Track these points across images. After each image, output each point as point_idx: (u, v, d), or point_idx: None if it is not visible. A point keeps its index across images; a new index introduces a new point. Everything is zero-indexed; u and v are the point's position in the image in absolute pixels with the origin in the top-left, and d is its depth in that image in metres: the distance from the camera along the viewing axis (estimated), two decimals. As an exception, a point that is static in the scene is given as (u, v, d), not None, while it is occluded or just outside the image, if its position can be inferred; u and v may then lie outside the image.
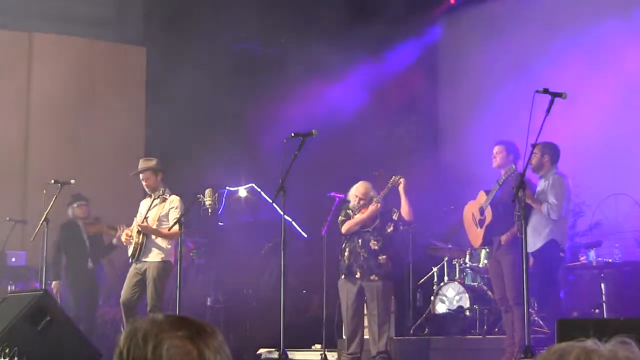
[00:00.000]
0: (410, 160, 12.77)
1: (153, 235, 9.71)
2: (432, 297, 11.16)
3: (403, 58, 14.06)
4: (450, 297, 10.94)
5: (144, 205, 10.03)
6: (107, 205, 12.32)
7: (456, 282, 10.98)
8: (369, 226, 9.38)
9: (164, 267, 9.68)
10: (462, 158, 13.11)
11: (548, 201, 8.50)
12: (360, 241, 9.35)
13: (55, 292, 10.94)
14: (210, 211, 9.95)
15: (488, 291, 10.67)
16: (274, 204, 10.24)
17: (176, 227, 9.26)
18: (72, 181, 10.24)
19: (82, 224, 11.37)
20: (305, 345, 11.10)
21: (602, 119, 11.36)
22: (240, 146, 13.81)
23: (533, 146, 7.68)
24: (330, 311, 10.62)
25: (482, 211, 8.94)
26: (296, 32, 14.02)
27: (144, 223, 9.70)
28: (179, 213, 9.60)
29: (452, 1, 14.41)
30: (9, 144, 13.77)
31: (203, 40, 14.14)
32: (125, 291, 9.74)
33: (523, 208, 7.29)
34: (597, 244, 10.37)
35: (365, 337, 9.50)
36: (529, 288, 7.16)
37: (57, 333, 8.17)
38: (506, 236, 8.64)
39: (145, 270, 9.67)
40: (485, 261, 10.68)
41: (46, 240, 9.93)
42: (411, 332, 11.19)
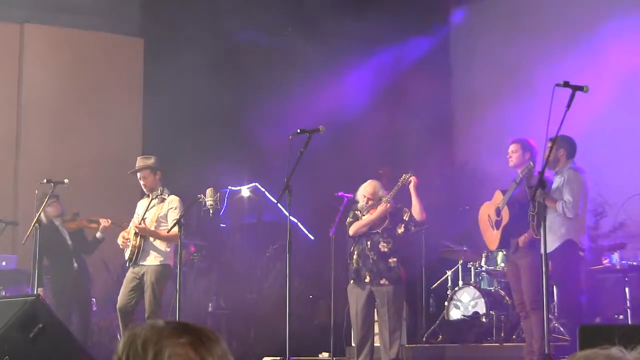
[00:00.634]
0: (422, 157, 12.74)
1: (151, 237, 9.72)
2: (446, 303, 11.16)
3: (415, 51, 14.05)
4: (465, 303, 10.95)
5: (142, 205, 10.03)
6: (103, 205, 12.32)
7: (471, 287, 10.98)
8: (378, 227, 9.37)
9: (163, 271, 9.69)
10: (477, 156, 13.11)
11: (563, 199, 8.46)
12: (369, 243, 9.33)
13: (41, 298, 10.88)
14: (211, 212, 9.95)
15: (505, 296, 10.68)
16: (279, 204, 10.25)
17: (175, 229, 9.25)
18: (66, 180, 10.20)
19: (61, 222, 11.21)
20: (312, 353, 11.12)
21: (626, 113, 11.35)
22: (242, 143, 13.80)
23: (549, 141, 7.67)
24: (338, 317, 10.62)
25: (499, 212, 8.90)
26: (302, 22, 14.00)
27: (142, 224, 9.70)
28: (179, 214, 9.59)
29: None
30: (-1, 141, 13.81)
31: (203, 30, 14.13)
32: (121, 297, 9.75)
33: (543, 208, 7.26)
34: (621, 246, 10.35)
35: (375, 345, 9.49)
36: (548, 292, 7.14)
37: (50, 341, 8.16)
38: (524, 237, 8.60)
39: (143, 274, 9.68)
40: (502, 264, 10.68)
41: (38, 242, 9.90)
42: (424, 340, 11.19)
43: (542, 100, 6.93)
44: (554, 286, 9.56)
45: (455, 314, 11.01)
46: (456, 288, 11.21)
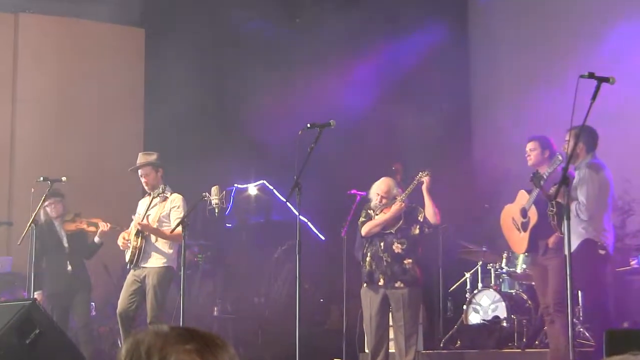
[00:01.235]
0: (439, 153, 12.74)
1: (154, 235, 9.70)
2: (465, 306, 11.16)
3: (431, 38, 13.99)
4: (485, 306, 10.94)
5: (143, 204, 10.04)
6: (102, 204, 12.35)
7: (491, 290, 10.97)
8: (392, 227, 9.35)
9: (166, 274, 9.70)
10: (498, 152, 13.07)
11: (578, 199, 8.34)
12: (382, 244, 9.32)
13: (39, 302, 10.88)
14: (216, 211, 9.97)
15: (528, 299, 10.66)
16: (288, 203, 10.23)
17: (179, 229, 9.24)
18: (64, 178, 10.22)
19: (60, 223, 11.06)
20: (323, 360, 11.14)
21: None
22: (249, 138, 13.80)
23: (568, 132, 7.64)
24: (351, 322, 10.62)
25: (525, 213, 8.82)
26: (312, 12, 14.00)
27: (144, 221, 9.70)
28: (182, 213, 9.60)
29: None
30: (-7, 137, 13.84)
31: (208, 20, 14.14)
32: (122, 301, 9.75)
33: (565, 207, 7.22)
34: (650, 246, 10.34)
35: (390, 351, 9.50)
36: (572, 295, 7.11)
37: (48, 347, 8.19)
38: (554, 238, 8.54)
39: (144, 277, 9.69)
40: (523, 266, 10.66)
41: (35, 244, 9.92)
42: (441, 345, 11.18)
43: (569, 93, 6.90)
44: (579, 290, 9.53)
45: (474, 319, 11.00)
46: (475, 291, 11.20)
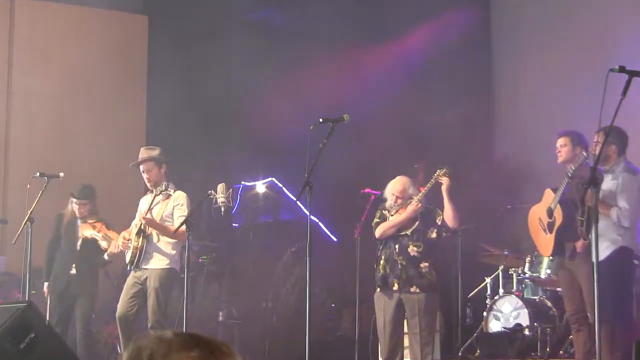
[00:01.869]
0: (458, 151, 12.72)
1: (158, 231, 9.69)
2: (485, 313, 11.15)
3: (451, 27, 13.94)
4: (506, 313, 10.93)
5: (144, 202, 10.05)
6: (101, 203, 12.34)
7: (513, 296, 10.96)
8: (408, 229, 9.33)
9: (168, 276, 9.71)
10: (521, 149, 13.06)
11: (618, 205, 8.33)
12: (397, 247, 9.31)
13: (45, 296, 10.92)
14: (222, 210, 9.99)
15: (552, 307, 10.65)
16: (298, 202, 10.24)
17: (183, 228, 9.25)
18: (61, 174, 10.26)
19: (79, 223, 10.94)
20: (334, 368, 11.15)
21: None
22: (257, 134, 13.80)
23: (597, 133, 7.60)
24: (364, 329, 10.63)
25: (551, 213, 8.80)
26: (324, -1, 14.00)
27: (149, 215, 9.70)
28: (186, 211, 9.61)
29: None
30: (-14, 131, 13.87)
31: (213, 7, 14.15)
32: (122, 304, 9.77)
33: (594, 211, 7.19)
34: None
35: (405, 360, 9.51)
36: (601, 304, 7.10)
37: (43, 351, 8.21)
38: (582, 242, 8.52)
39: (145, 279, 9.70)
40: (548, 271, 10.65)
41: (30, 242, 9.93)
42: (460, 354, 11.18)
43: (598, 87, 6.87)
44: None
45: (495, 326, 10.99)
46: (496, 297, 11.19)
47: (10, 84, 14.08)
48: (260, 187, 14.28)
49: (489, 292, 11.56)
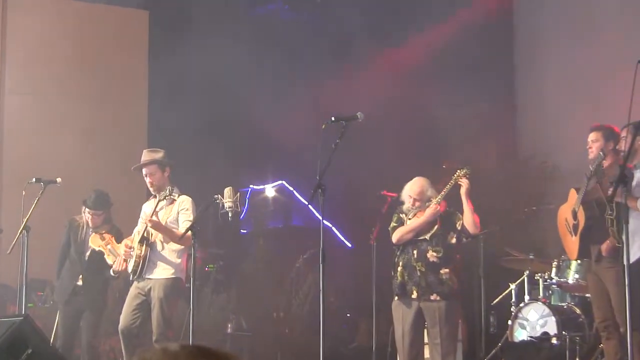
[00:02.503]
0: (480, 149, 12.72)
1: (165, 235, 9.68)
2: (510, 321, 11.14)
3: (470, 17, 13.94)
4: (532, 321, 10.93)
5: (148, 208, 10.04)
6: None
7: (540, 303, 10.95)
8: (426, 233, 9.32)
9: (173, 286, 9.71)
10: (546, 148, 13.05)
11: None
12: (415, 252, 9.30)
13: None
14: (230, 215, 9.97)
15: (581, 314, 10.63)
16: (310, 206, 10.25)
17: (188, 234, 9.23)
18: (58, 180, 10.26)
19: (91, 233, 10.78)
20: (350, 381, 11.17)
21: None
22: (266, 134, 13.82)
23: (625, 128, 7.59)
24: (381, 339, 10.63)
25: (575, 214, 8.80)
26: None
27: (155, 217, 9.66)
28: (191, 216, 9.61)
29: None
30: (-23, 132, 13.89)
31: (215, 2, 14.17)
32: (124, 316, 9.77)
33: (625, 209, 7.17)
34: None
35: (425, 371, 9.52)
36: (633, 310, 7.09)
37: (41, 368, 8.24)
38: (607, 244, 8.49)
39: (149, 289, 9.70)
40: (576, 275, 10.63)
41: (26, 252, 9.92)
42: (483, 365, 11.20)
43: (623, 85, 6.86)
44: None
45: (520, 335, 10.99)
46: (521, 304, 11.18)
47: (4, 83, 14.04)
48: (269, 191, 14.30)
49: (514, 299, 11.55)
